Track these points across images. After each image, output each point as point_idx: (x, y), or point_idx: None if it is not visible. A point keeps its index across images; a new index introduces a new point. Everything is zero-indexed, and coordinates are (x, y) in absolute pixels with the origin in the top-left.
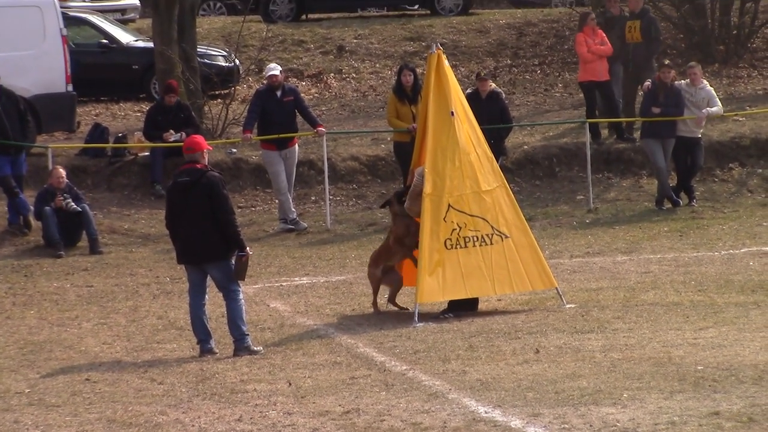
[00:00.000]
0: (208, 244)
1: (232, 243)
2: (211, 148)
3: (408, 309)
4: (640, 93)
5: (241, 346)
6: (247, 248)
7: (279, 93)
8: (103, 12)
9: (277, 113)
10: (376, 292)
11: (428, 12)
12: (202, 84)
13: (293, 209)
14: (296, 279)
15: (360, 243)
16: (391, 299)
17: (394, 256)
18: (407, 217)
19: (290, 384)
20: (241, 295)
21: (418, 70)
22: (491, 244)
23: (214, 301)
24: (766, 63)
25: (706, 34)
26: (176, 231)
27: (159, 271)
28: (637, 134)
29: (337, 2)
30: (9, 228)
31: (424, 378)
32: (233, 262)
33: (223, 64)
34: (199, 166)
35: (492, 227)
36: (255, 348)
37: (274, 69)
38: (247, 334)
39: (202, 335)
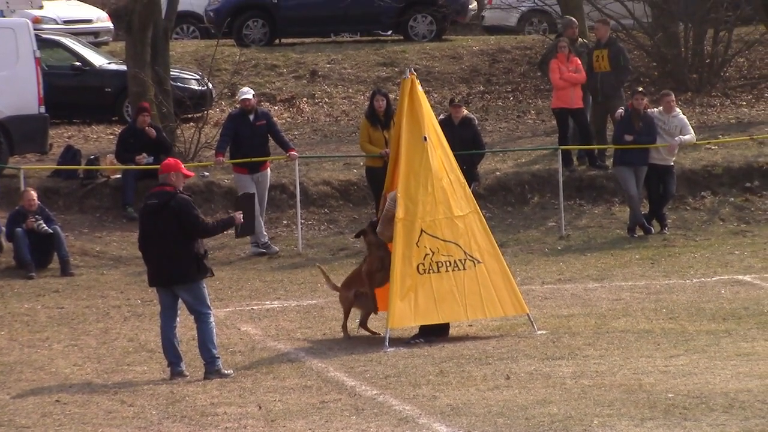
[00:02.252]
0: (178, 266)
1: (219, 231)
2: (192, 174)
3: (379, 333)
4: (611, 121)
5: (211, 369)
6: (233, 215)
7: (252, 117)
8: (76, 34)
9: (249, 137)
10: (346, 315)
11: (401, 38)
12: (174, 107)
13: (265, 233)
14: (267, 303)
15: (332, 267)
16: (362, 323)
17: (364, 285)
18: (383, 249)
19: (260, 407)
20: (212, 319)
21: (391, 96)
22: (464, 269)
23: (185, 323)
24: (739, 92)
25: (679, 63)
26: (147, 253)
27: (130, 294)
28: (609, 161)
29: (311, 27)
30: None
31: (394, 402)
32: (238, 218)
33: (196, 87)
34: (168, 188)
35: (465, 252)
36: (225, 371)
37: (247, 93)
38: (218, 357)
39: (173, 357)
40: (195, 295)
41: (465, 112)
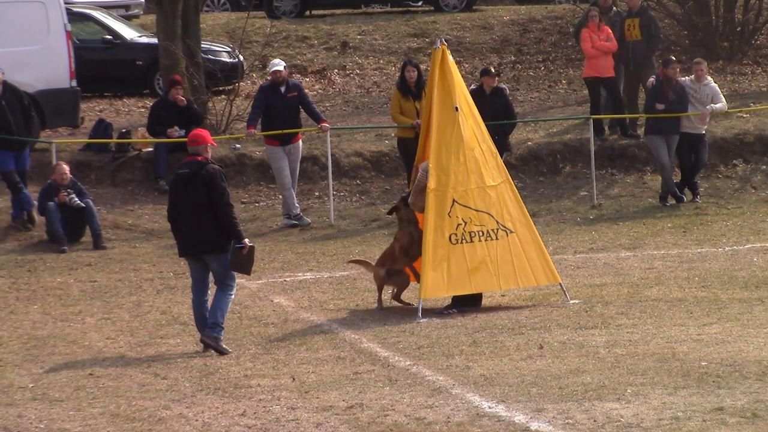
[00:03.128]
0: (208, 235)
1: (230, 234)
2: (215, 144)
3: (412, 304)
4: (642, 90)
5: (210, 335)
6: (246, 240)
7: (283, 89)
8: (107, 8)
9: (280, 109)
10: (380, 291)
11: (432, 8)
12: (206, 80)
13: (297, 205)
14: (300, 274)
15: (363, 239)
16: (396, 297)
17: (398, 262)
18: (413, 225)
19: (294, 379)
20: (234, 292)
21: (422, 67)
22: (496, 239)
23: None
24: None
25: (710, 31)
26: (177, 223)
27: (162, 267)
28: (641, 131)
29: None
30: (12, 223)
31: (427, 373)
32: (235, 254)
33: (227, 60)
34: (200, 158)
35: (497, 222)
36: (224, 346)
37: (278, 65)
38: (222, 328)
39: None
40: (223, 265)
41: (496, 82)
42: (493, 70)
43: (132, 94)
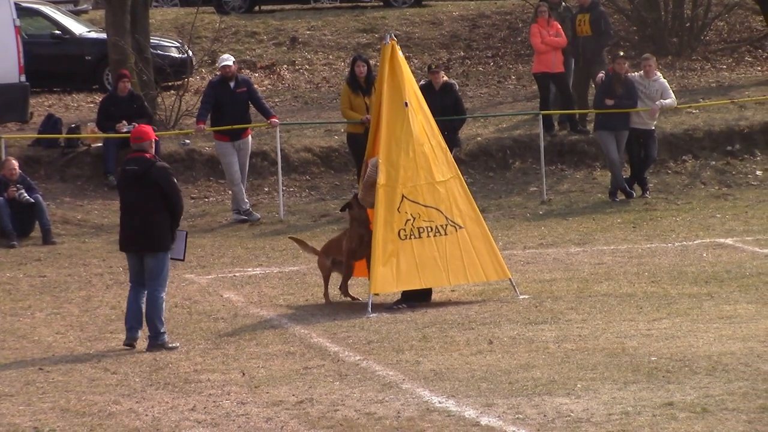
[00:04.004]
0: (155, 233)
1: (174, 229)
2: (158, 139)
3: (360, 299)
4: (592, 86)
5: (155, 344)
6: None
7: (232, 84)
8: (55, 3)
9: (230, 104)
10: (326, 282)
11: (381, 4)
12: (155, 75)
13: (246, 200)
14: (249, 269)
15: (313, 234)
16: (343, 288)
17: (344, 259)
18: (364, 226)
19: (244, 374)
20: (165, 290)
21: (372, 62)
22: (445, 234)
23: (167, 291)
24: (719, 56)
25: (660, 27)
26: (123, 218)
27: (112, 262)
28: (590, 126)
29: None
30: None
31: (377, 368)
32: (175, 242)
33: (176, 55)
34: (147, 155)
35: (446, 218)
36: (171, 345)
37: (227, 60)
38: (163, 332)
39: (134, 322)
40: (160, 263)
41: (445, 77)
42: (434, 66)
43: (81, 90)
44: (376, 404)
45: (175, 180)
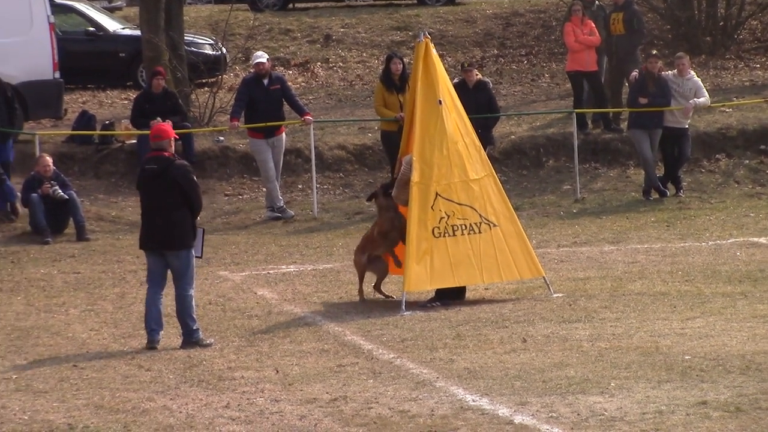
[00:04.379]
0: (176, 232)
1: (194, 226)
2: (178, 137)
3: (394, 297)
4: (626, 84)
5: (189, 341)
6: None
7: (266, 81)
8: (90, 0)
9: (263, 101)
10: (361, 280)
11: (415, 1)
12: (189, 72)
13: (280, 197)
14: (283, 267)
15: (347, 231)
16: (377, 287)
17: (379, 247)
18: (392, 210)
19: (278, 371)
20: (193, 287)
21: (406, 60)
22: (479, 232)
23: (200, 288)
24: (753, 54)
25: (693, 26)
26: (144, 217)
27: (146, 258)
28: (624, 125)
29: None
30: None
31: (411, 366)
32: (197, 239)
33: (210, 52)
34: (166, 154)
35: (480, 216)
36: (206, 342)
37: (261, 57)
38: (196, 329)
39: (154, 324)
40: (184, 262)
41: (479, 75)
42: (467, 65)
43: (115, 86)
44: (410, 402)
45: (194, 177)
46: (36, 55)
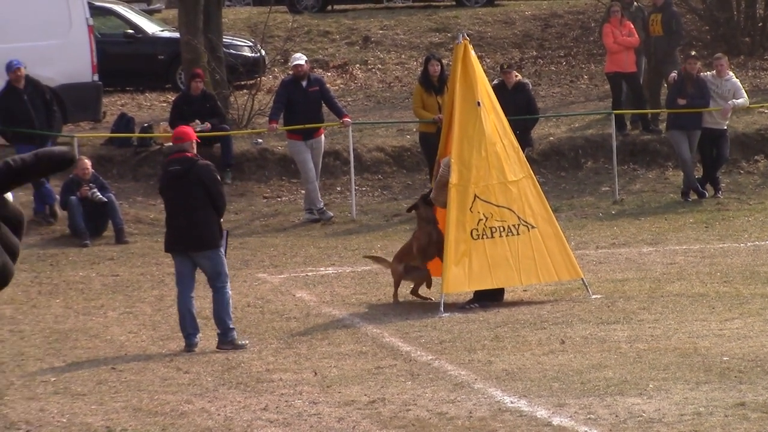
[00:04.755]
0: (202, 232)
1: (220, 226)
2: (199, 140)
3: (432, 299)
4: (665, 85)
5: (225, 341)
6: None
7: (304, 83)
8: (128, 2)
9: (302, 103)
10: (396, 287)
11: (453, 3)
12: (227, 74)
13: (320, 199)
14: (322, 269)
15: (385, 233)
16: (414, 292)
17: (415, 260)
18: (432, 223)
19: (316, 373)
20: (229, 286)
21: (444, 61)
22: (517, 234)
23: (238, 290)
24: None
25: (732, 26)
26: (169, 219)
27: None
28: (662, 126)
29: None
30: (35, 217)
31: (449, 368)
32: (224, 241)
33: (249, 54)
34: (189, 155)
35: (518, 218)
36: (240, 342)
37: (300, 59)
38: (233, 329)
39: (191, 328)
40: (214, 261)
41: (518, 77)
42: (506, 66)
43: (154, 89)
44: (448, 404)
45: (218, 176)
46: (75, 58)
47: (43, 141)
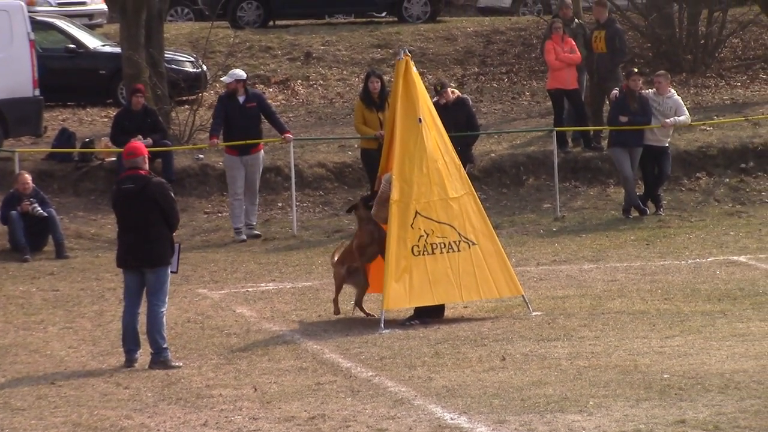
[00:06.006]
0: (154, 248)
1: (172, 242)
2: (150, 156)
3: (374, 315)
4: (607, 102)
5: (157, 360)
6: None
7: (242, 99)
8: (70, 17)
9: (239, 118)
10: (338, 291)
11: (395, 19)
12: (169, 89)
13: (242, 218)
14: (262, 285)
15: (326, 249)
16: (358, 303)
17: (356, 260)
18: (372, 223)
19: (256, 389)
20: (165, 309)
21: (386, 77)
22: (458, 251)
23: (178, 305)
24: (734, 73)
25: (674, 44)
26: (121, 236)
27: (123, 276)
28: (604, 143)
29: (305, 9)
30: None
31: (389, 384)
32: (174, 254)
33: (191, 69)
34: (142, 172)
35: (459, 234)
36: (174, 363)
37: (231, 77)
38: (166, 348)
39: (131, 345)
40: (160, 278)
41: (455, 93)
42: (439, 88)
43: (95, 104)
44: (388, 420)
45: (172, 194)
46: (16, 72)
47: None
